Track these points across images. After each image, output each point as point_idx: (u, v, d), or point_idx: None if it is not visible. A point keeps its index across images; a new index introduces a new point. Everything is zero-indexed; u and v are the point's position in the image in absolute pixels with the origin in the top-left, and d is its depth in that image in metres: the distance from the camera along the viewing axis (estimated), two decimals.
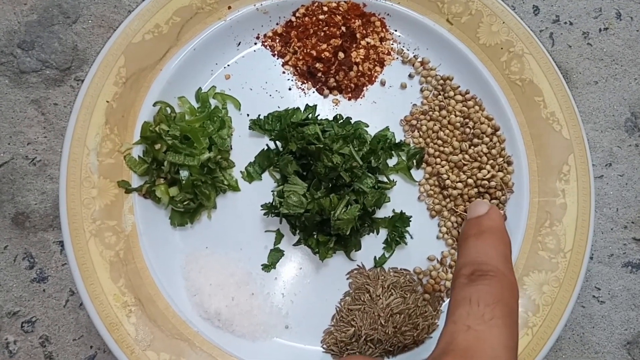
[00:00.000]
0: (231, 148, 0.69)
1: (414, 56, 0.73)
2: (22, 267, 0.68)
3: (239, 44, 0.72)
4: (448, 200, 0.69)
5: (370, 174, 0.65)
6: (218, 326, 0.64)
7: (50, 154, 0.70)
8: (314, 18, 0.71)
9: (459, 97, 0.71)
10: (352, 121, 0.69)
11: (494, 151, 0.69)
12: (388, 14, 0.72)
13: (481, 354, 0.38)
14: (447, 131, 0.70)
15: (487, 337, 0.40)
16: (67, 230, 0.62)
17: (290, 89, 0.72)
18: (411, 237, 0.68)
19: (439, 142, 0.70)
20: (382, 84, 0.72)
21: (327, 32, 0.70)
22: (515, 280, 0.48)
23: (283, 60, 0.72)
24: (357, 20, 0.71)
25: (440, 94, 0.72)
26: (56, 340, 0.67)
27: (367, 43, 0.71)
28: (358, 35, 0.71)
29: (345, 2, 0.71)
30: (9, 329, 0.66)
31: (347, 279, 0.68)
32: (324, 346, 0.65)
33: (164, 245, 0.66)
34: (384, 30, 0.73)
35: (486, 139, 0.70)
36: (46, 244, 0.68)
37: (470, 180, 0.69)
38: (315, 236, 0.66)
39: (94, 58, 0.71)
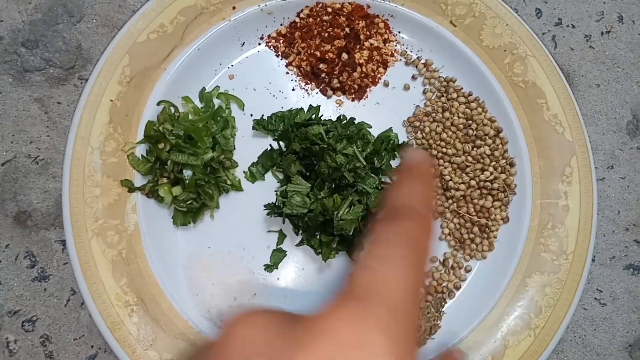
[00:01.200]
0: (234, 148, 0.69)
1: (418, 58, 0.73)
2: (23, 266, 0.67)
3: (243, 44, 0.72)
4: (451, 201, 0.69)
5: (373, 175, 0.65)
6: (220, 326, 0.64)
7: (53, 153, 0.70)
8: (318, 19, 0.71)
9: (462, 99, 0.71)
10: (356, 122, 0.70)
11: (496, 153, 0.69)
12: (392, 16, 0.72)
13: (373, 291, 0.36)
14: (450, 133, 0.70)
15: (383, 275, 0.37)
16: (70, 229, 0.62)
17: (293, 90, 0.72)
18: None
19: (442, 143, 0.70)
20: (386, 85, 0.73)
21: (331, 33, 0.70)
22: (431, 221, 0.45)
23: (287, 61, 0.72)
24: (361, 22, 0.71)
25: (443, 96, 0.72)
26: (57, 339, 0.66)
27: (371, 44, 0.72)
28: (362, 37, 0.71)
29: (349, 3, 0.72)
30: (10, 328, 0.66)
31: None
32: None
33: (167, 245, 0.66)
34: (387, 31, 0.73)
35: (489, 141, 0.70)
36: (48, 243, 0.68)
37: (473, 182, 0.69)
38: (318, 236, 0.66)
39: (97, 57, 0.71)
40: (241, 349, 0.34)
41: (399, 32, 0.73)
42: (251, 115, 0.71)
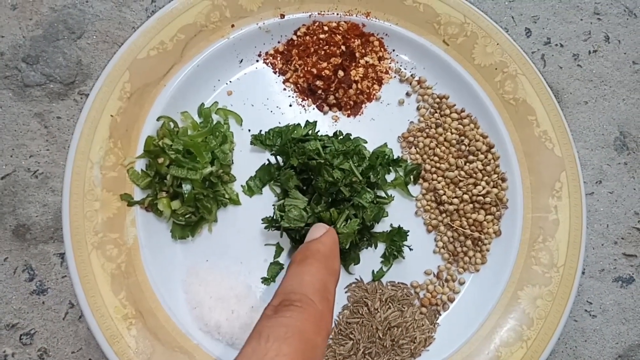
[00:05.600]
0: (232, 162, 0.70)
1: (411, 75, 0.75)
2: (21, 279, 0.68)
3: (241, 61, 0.73)
4: (444, 215, 0.71)
5: (369, 189, 0.66)
6: (218, 339, 0.64)
7: (52, 167, 0.70)
8: (315, 37, 0.73)
9: (454, 115, 0.73)
10: (352, 137, 0.71)
11: (488, 168, 0.71)
12: (386, 34, 0.74)
13: None
14: (443, 148, 0.72)
15: None
16: (70, 242, 0.63)
17: (290, 106, 0.73)
18: (410, 249, 0.70)
19: (436, 158, 0.72)
20: (380, 101, 0.74)
21: (328, 51, 0.72)
22: (328, 312, 0.43)
23: (284, 78, 0.74)
24: (356, 40, 0.73)
25: (436, 112, 0.74)
26: (55, 352, 0.66)
27: (366, 62, 0.73)
28: (357, 54, 0.73)
29: (345, 22, 0.73)
30: (8, 341, 0.66)
31: (346, 292, 0.68)
32: (323, 359, 0.66)
33: (165, 258, 0.67)
34: (382, 49, 0.75)
35: (481, 156, 0.72)
36: (46, 256, 0.68)
37: (465, 196, 0.70)
38: None
39: (98, 73, 0.72)
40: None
41: (394, 50, 0.75)
42: (249, 130, 0.72)
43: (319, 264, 0.48)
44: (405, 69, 0.75)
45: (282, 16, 0.72)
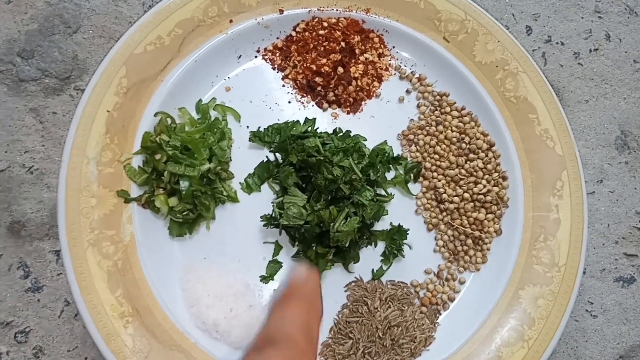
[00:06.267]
0: (231, 159, 0.70)
1: (411, 72, 0.74)
2: (16, 277, 0.67)
3: (240, 57, 0.72)
4: (445, 214, 0.70)
5: (369, 187, 0.66)
6: (216, 337, 0.63)
7: (47, 163, 0.69)
8: (314, 33, 0.72)
9: (455, 113, 0.73)
10: (351, 134, 0.70)
11: (489, 166, 0.71)
12: (386, 31, 0.74)
13: None
14: (443, 146, 0.72)
15: None
16: (65, 239, 0.62)
17: (289, 102, 0.72)
18: (410, 248, 0.69)
19: (436, 156, 0.71)
20: (380, 98, 0.74)
21: (327, 47, 0.71)
22: (311, 352, 0.44)
23: (283, 74, 0.73)
24: (356, 36, 0.72)
25: (436, 110, 0.73)
26: (50, 351, 0.65)
27: (366, 58, 0.73)
28: (357, 51, 0.72)
29: (344, 18, 0.73)
30: (2, 339, 0.65)
31: (345, 291, 0.68)
32: (322, 359, 0.65)
33: (162, 256, 0.66)
34: (382, 46, 0.74)
35: (482, 154, 0.71)
36: (42, 253, 0.67)
37: (466, 195, 0.70)
38: (314, 248, 0.66)
39: (94, 68, 0.71)
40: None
41: (394, 47, 0.75)
42: (247, 127, 0.71)
43: (303, 304, 0.49)
44: (405, 66, 0.75)
45: (281, 12, 0.72)
